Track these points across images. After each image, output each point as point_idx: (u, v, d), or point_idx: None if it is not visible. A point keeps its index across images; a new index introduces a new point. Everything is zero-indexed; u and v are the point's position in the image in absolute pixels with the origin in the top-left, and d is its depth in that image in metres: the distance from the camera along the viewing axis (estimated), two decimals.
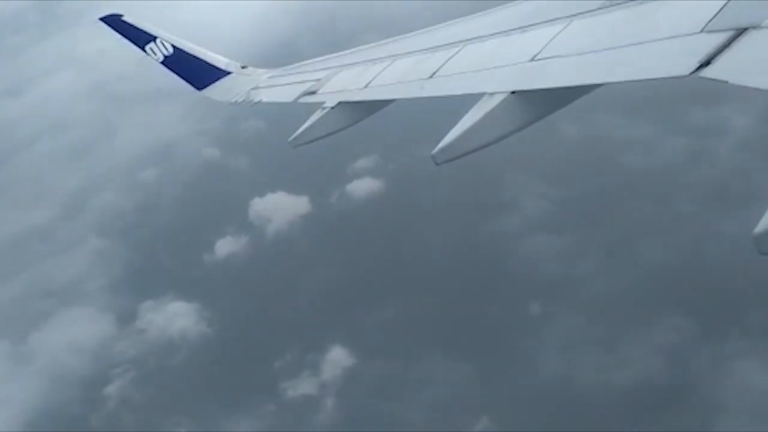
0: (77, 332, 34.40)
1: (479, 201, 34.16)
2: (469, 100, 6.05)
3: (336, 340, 29.63)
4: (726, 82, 4.08)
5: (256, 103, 10.94)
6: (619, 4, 5.63)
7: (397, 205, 36.30)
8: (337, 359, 29.09)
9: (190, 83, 12.08)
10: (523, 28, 6.46)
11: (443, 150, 5.81)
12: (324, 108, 8.47)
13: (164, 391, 30.61)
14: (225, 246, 37.43)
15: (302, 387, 28.64)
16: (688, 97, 33.83)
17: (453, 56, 7.10)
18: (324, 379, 28.62)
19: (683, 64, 4.38)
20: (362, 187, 38.21)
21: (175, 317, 33.44)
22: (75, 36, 58.37)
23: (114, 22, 11.93)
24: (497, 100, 5.72)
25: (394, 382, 27.59)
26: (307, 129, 8.60)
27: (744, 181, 29.99)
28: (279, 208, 38.55)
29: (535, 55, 5.82)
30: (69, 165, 48.98)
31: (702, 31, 4.53)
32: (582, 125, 35.23)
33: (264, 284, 34.29)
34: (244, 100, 11.20)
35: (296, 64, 10.85)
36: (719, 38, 4.35)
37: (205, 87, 12.01)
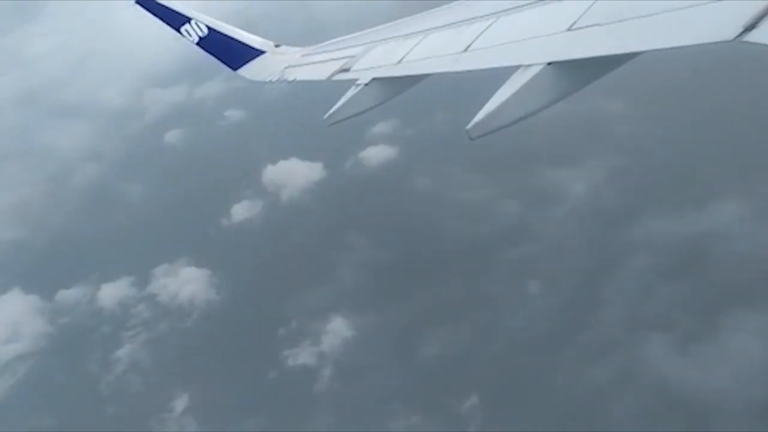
0: (98, 293, 35.89)
1: (302, 262, 33.84)
2: (505, 72, 5.95)
3: (338, 310, 30.43)
4: None
5: (290, 82, 10.94)
6: None
7: (409, 174, 36.78)
8: (338, 330, 29.82)
9: (225, 63, 12.13)
10: None
11: (478, 124, 5.70)
12: (358, 85, 8.41)
13: (171, 357, 31.80)
14: (240, 211, 38.57)
15: (302, 356, 29.39)
16: (545, 153, 33.62)
17: (487, 28, 6.96)
18: (323, 350, 29.37)
19: (727, 29, 4.22)
20: (377, 154, 38.68)
21: (186, 283, 34.67)
22: (27, 34, 59.16)
23: (148, 4, 12.01)
24: (533, 72, 5.59)
25: (389, 356, 28.07)
26: (341, 106, 8.56)
27: (557, 260, 29.23)
28: (294, 173, 39.65)
29: (572, 25, 5.67)
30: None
31: None
32: (433, 177, 35.00)
33: (275, 251, 35.29)
34: (278, 79, 11.20)
35: (329, 42, 10.80)
36: (764, 1, 4.17)
37: (240, 67, 12.05)
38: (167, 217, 39.73)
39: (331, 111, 8.67)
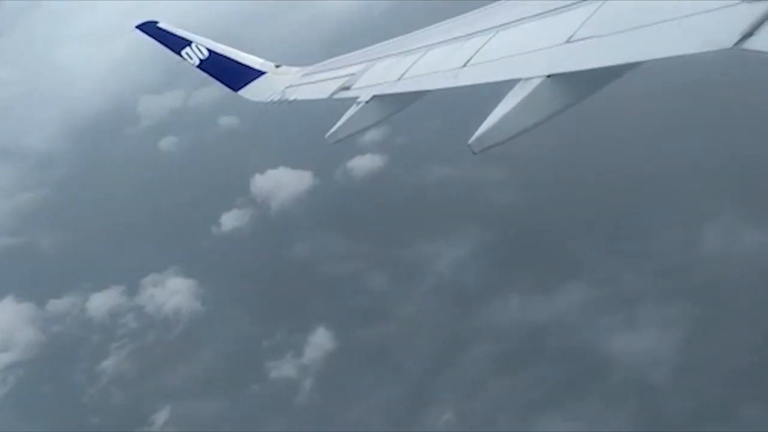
0: (89, 303, 36.16)
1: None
2: (505, 86, 5.97)
3: (322, 322, 30.38)
4: None
5: (291, 102, 11.00)
6: None
7: (396, 184, 36.90)
8: (320, 342, 29.80)
9: (227, 85, 12.22)
10: (557, 11, 6.33)
11: (480, 138, 5.71)
12: (359, 103, 8.45)
13: (155, 369, 31.95)
14: (230, 220, 38.81)
15: (285, 369, 29.38)
16: (427, 219, 33.44)
17: (486, 43, 7.00)
18: (304, 362, 29.36)
19: (725, 37, 4.23)
20: (364, 163, 38.82)
21: (173, 294, 34.85)
22: None
23: (149, 29, 12.12)
24: (534, 84, 5.62)
25: (370, 370, 28.12)
26: (343, 125, 8.60)
27: (405, 346, 28.66)
28: (284, 182, 39.79)
29: (570, 37, 5.70)
30: None
31: (742, 2, 4.37)
32: (312, 245, 34.97)
33: (262, 261, 35.46)
34: (279, 99, 11.27)
35: (329, 60, 10.87)
36: (761, 7, 4.19)
37: (241, 88, 12.13)
38: (160, 224, 39.95)
39: (333, 129, 8.71)
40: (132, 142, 50.54)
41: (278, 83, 11.61)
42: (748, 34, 4.11)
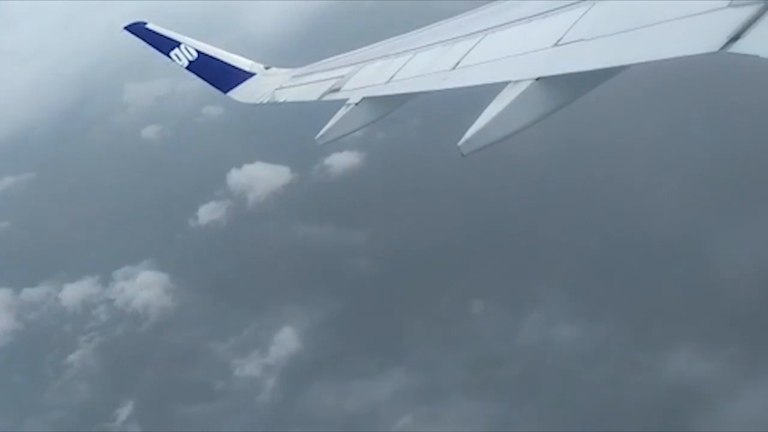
0: (62, 293, 36.28)
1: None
2: (493, 89, 5.99)
3: (288, 320, 30.42)
4: (757, 56, 3.97)
5: (281, 104, 10.97)
6: None
7: (375, 181, 36.83)
8: (285, 341, 29.78)
9: (216, 86, 12.18)
10: (545, 14, 6.36)
11: (470, 140, 5.73)
12: (348, 105, 8.46)
13: (121, 364, 31.99)
14: (207, 213, 38.86)
15: (249, 367, 29.35)
16: (292, 282, 32.73)
17: (475, 46, 7.02)
18: (268, 361, 29.33)
19: (711, 40, 4.27)
20: (341, 160, 38.73)
21: (143, 288, 34.83)
22: None
23: (138, 30, 12.06)
24: (522, 87, 5.64)
25: (330, 372, 28.09)
26: (333, 126, 8.61)
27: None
28: (262, 177, 39.80)
29: (559, 40, 5.73)
30: None
31: (729, 5, 4.41)
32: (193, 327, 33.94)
33: (234, 257, 35.48)
34: (269, 101, 11.24)
35: (319, 62, 10.85)
36: (748, 11, 4.23)
37: (231, 89, 12.09)
38: (138, 214, 39.96)
39: (323, 131, 8.72)
40: (115, 131, 50.36)
41: (268, 85, 11.58)
42: (735, 38, 4.15)
